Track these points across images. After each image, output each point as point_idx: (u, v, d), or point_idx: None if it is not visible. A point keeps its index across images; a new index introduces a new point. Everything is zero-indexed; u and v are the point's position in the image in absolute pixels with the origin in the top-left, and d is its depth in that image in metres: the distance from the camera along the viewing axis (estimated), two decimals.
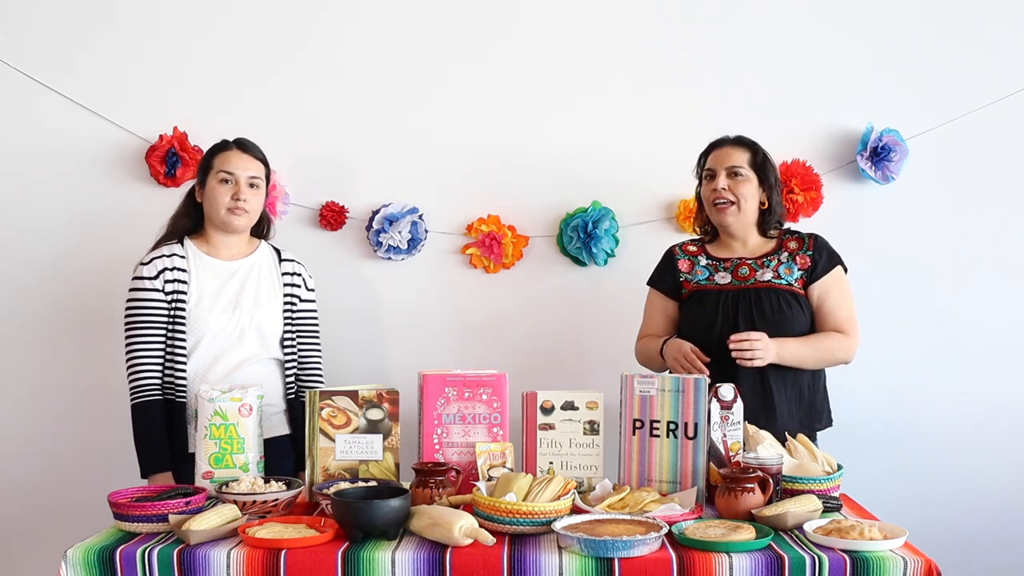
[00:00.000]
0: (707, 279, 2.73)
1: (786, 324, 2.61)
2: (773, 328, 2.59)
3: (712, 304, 2.68)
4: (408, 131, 3.26)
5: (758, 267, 2.70)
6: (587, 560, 1.87)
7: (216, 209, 2.70)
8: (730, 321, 2.63)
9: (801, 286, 2.66)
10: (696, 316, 2.71)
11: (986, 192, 3.19)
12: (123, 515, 2.07)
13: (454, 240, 3.29)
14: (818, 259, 2.67)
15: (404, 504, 1.98)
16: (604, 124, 3.24)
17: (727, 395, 2.32)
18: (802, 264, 2.67)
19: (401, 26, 3.26)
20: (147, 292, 2.66)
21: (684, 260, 2.78)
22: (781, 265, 2.68)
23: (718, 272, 2.73)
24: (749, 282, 2.68)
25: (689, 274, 2.76)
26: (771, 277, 2.67)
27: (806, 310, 2.65)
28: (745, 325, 2.61)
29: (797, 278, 2.66)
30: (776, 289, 2.65)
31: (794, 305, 2.63)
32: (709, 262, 2.76)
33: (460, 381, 2.35)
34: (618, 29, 3.23)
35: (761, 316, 2.62)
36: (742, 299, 2.65)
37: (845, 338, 2.65)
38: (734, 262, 2.72)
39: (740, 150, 2.71)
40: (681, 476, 2.28)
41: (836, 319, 2.65)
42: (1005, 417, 3.20)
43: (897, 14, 3.18)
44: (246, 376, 2.65)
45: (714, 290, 2.70)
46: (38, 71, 3.26)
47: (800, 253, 2.69)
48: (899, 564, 1.84)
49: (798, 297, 2.65)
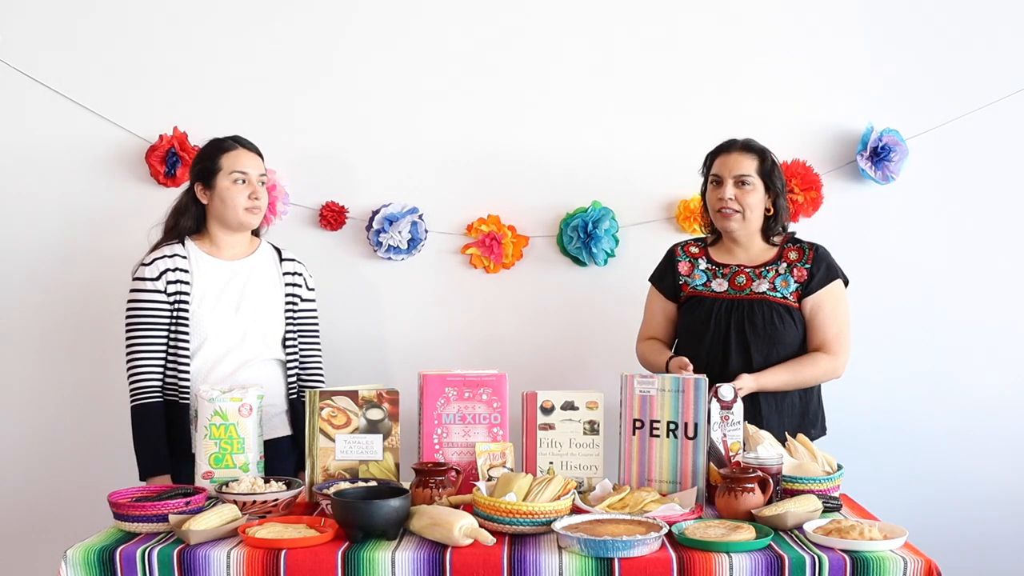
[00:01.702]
0: (704, 284, 2.72)
1: (777, 338, 2.61)
2: (764, 341, 2.61)
3: (706, 312, 2.68)
4: (408, 131, 3.26)
5: (756, 277, 2.68)
6: (587, 560, 1.87)
7: (233, 210, 2.68)
8: (721, 331, 2.64)
9: (796, 299, 2.64)
10: (689, 323, 2.72)
11: (986, 192, 3.19)
12: (123, 515, 2.07)
13: (454, 240, 3.29)
14: (815, 272, 2.65)
15: (404, 504, 1.98)
16: (604, 124, 3.24)
17: (727, 395, 2.32)
18: (799, 277, 2.65)
19: (401, 26, 3.25)
20: (148, 293, 2.65)
21: (684, 262, 2.78)
22: (778, 277, 2.66)
23: (716, 278, 2.72)
24: (744, 292, 2.66)
25: (688, 277, 2.75)
26: (766, 289, 2.65)
27: (799, 324, 2.64)
28: (736, 337, 2.62)
29: (792, 291, 2.65)
30: (770, 302, 2.63)
31: (787, 319, 2.62)
32: (709, 266, 2.75)
33: (460, 381, 2.35)
34: (619, 30, 3.23)
35: (753, 329, 2.62)
36: (735, 310, 2.65)
37: (830, 359, 2.62)
38: (732, 269, 2.71)
39: (748, 157, 2.66)
40: (681, 476, 2.28)
41: (824, 336, 2.63)
42: (1005, 417, 3.20)
43: (897, 14, 3.18)
44: (248, 377, 2.64)
45: (709, 297, 2.70)
46: (38, 71, 3.26)
47: (799, 265, 2.67)
48: (899, 564, 1.84)
49: (791, 311, 2.64)
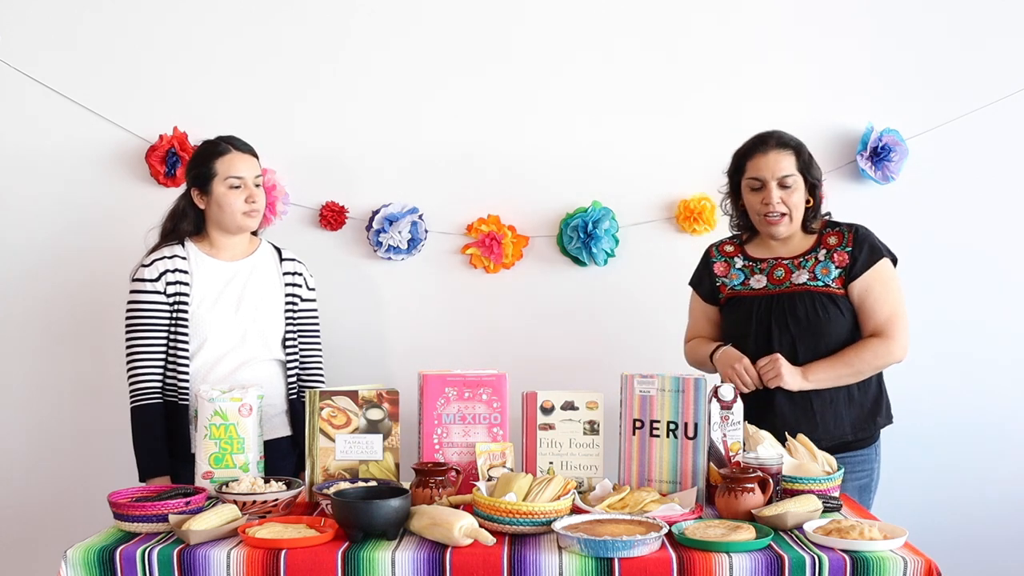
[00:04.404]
0: (742, 283, 2.63)
1: (822, 329, 2.50)
2: (808, 334, 2.50)
3: (746, 312, 2.59)
4: (408, 131, 3.26)
5: (795, 268, 2.57)
6: (587, 560, 1.87)
7: (232, 215, 2.68)
8: (764, 329, 2.55)
9: (840, 285, 2.52)
10: (731, 324, 2.65)
11: (986, 192, 3.18)
12: (123, 515, 2.06)
13: (454, 240, 3.29)
14: (857, 254, 2.53)
15: (404, 504, 1.98)
16: (605, 124, 3.24)
17: (727, 395, 2.32)
18: (840, 261, 2.54)
19: (402, 26, 3.25)
20: (148, 294, 2.65)
21: (720, 262, 2.69)
22: (818, 265, 2.55)
23: (754, 275, 2.62)
24: (784, 285, 2.56)
25: (725, 278, 2.67)
26: (807, 279, 2.54)
27: (844, 312, 2.52)
28: (779, 332, 2.53)
29: (835, 277, 2.53)
30: (811, 292, 2.52)
31: (831, 308, 2.51)
32: (745, 263, 2.65)
33: (460, 381, 2.35)
34: (619, 30, 3.23)
35: (796, 322, 2.52)
36: (776, 305, 2.55)
37: (884, 342, 2.50)
38: (770, 263, 2.61)
39: (786, 154, 2.56)
40: (681, 476, 2.28)
41: (877, 319, 2.51)
42: (1005, 417, 3.20)
43: (897, 15, 3.18)
44: (248, 377, 2.64)
45: (748, 296, 2.60)
46: (38, 71, 3.26)
47: (838, 249, 2.55)
48: (899, 564, 1.84)
49: (835, 299, 2.52)
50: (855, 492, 2.54)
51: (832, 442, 2.51)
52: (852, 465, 2.52)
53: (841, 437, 2.54)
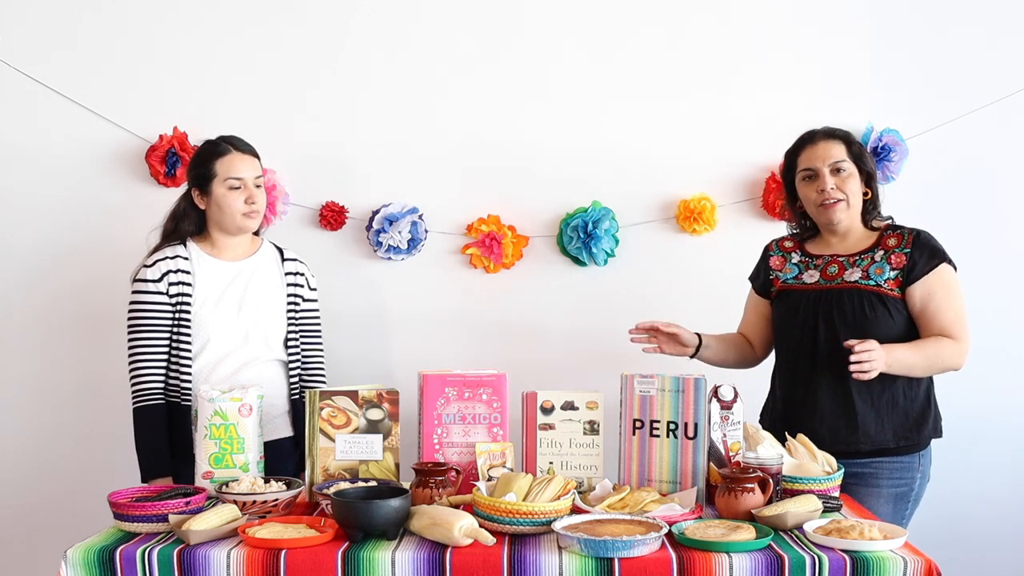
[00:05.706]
0: (795, 278, 2.60)
1: (868, 328, 2.43)
2: (853, 331, 2.43)
3: (793, 305, 2.56)
4: (408, 131, 3.27)
5: (848, 265, 2.53)
6: (587, 560, 1.87)
7: (231, 216, 2.68)
8: (810, 323, 2.51)
9: (895, 287, 2.47)
10: (778, 317, 2.63)
11: (986, 192, 3.19)
12: (123, 515, 2.06)
13: (454, 240, 3.29)
14: (917, 258, 2.47)
15: (404, 504, 1.98)
16: (605, 124, 3.24)
17: (727, 395, 2.32)
18: (897, 263, 2.49)
19: (402, 26, 3.26)
20: (151, 295, 2.65)
21: (777, 257, 2.68)
22: (873, 264, 2.50)
23: (808, 270, 2.58)
24: (836, 282, 2.52)
25: (780, 271, 2.64)
26: (858, 277, 2.49)
27: (895, 314, 2.47)
28: (824, 328, 2.49)
29: (890, 278, 2.48)
30: (861, 290, 2.47)
31: (879, 308, 2.46)
32: (802, 258, 2.62)
33: (460, 381, 2.35)
34: (619, 30, 3.23)
35: (842, 319, 2.47)
36: (823, 300, 2.51)
37: (955, 343, 2.45)
38: (825, 259, 2.57)
39: (836, 143, 2.53)
40: (681, 476, 2.28)
41: (942, 322, 2.45)
42: (1005, 416, 3.20)
43: (897, 15, 3.18)
44: (250, 377, 2.64)
45: (798, 290, 2.57)
46: (38, 71, 3.26)
47: (897, 251, 2.50)
48: (899, 564, 1.83)
49: (885, 299, 2.46)
50: (890, 500, 2.50)
51: (873, 447, 2.48)
52: (890, 471, 2.50)
53: (883, 443, 2.49)
